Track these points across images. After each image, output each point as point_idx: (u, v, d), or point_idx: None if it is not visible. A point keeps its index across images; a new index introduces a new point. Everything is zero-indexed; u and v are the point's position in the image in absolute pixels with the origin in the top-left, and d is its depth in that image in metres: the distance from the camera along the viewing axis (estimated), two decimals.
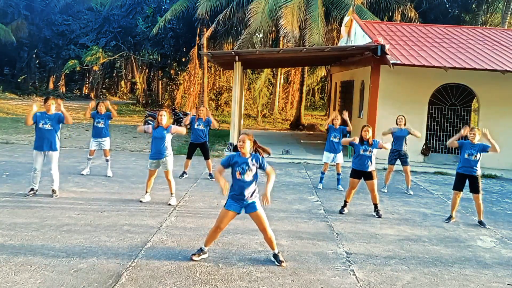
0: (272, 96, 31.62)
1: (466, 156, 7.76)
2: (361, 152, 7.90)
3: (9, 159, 11.46)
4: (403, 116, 10.17)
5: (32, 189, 8.02)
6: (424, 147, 14.54)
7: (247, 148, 5.32)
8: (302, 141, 18.83)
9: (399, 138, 10.03)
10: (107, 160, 10.21)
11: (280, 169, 12.00)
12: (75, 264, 5.10)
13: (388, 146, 8.12)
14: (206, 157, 10.43)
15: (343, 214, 7.97)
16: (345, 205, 8.14)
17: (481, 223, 7.79)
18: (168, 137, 7.93)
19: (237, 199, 5.34)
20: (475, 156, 7.69)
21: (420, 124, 14.36)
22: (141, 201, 7.95)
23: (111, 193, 8.52)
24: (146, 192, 8.10)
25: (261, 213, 5.38)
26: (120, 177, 10.01)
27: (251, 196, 5.35)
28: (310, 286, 4.91)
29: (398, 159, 10.11)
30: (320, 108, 40.19)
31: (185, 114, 21.32)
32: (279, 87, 32.70)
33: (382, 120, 13.90)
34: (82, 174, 10.00)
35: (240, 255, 5.68)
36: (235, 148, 14.67)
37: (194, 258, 5.41)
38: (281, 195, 9.21)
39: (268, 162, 5.47)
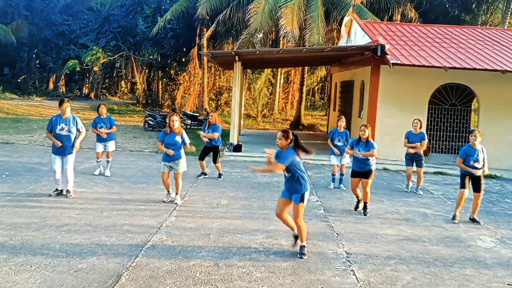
0: (272, 96, 31.60)
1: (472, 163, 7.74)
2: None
3: (9, 159, 11.46)
4: (419, 120, 10.07)
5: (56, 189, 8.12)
6: None
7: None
8: (302, 141, 18.80)
9: (413, 143, 10.01)
10: (107, 161, 10.26)
11: None
12: (75, 264, 5.10)
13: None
14: (214, 161, 10.67)
15: (357, 211, 8.16)
16: (359, 202, 8.27)
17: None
18: (180, 141, 8.00)
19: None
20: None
21: None
22: (164, 201, 8.02)
23: (111, 193, 8.52)
24: (168, 192, 8.14)
25: None
26: (120, 177, 10.01)
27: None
28: (310, 286, 4.91)
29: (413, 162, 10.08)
30: (320, 108, 40.15)
31: (185, 114, 21.37)
32: (279, 87, 32.69)
33: (382, 120, 13.93)
34: (95, 174, 10.09)
35: (240, 255, 5.68)
36: (235, 148, 14.74)
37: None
38: None
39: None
